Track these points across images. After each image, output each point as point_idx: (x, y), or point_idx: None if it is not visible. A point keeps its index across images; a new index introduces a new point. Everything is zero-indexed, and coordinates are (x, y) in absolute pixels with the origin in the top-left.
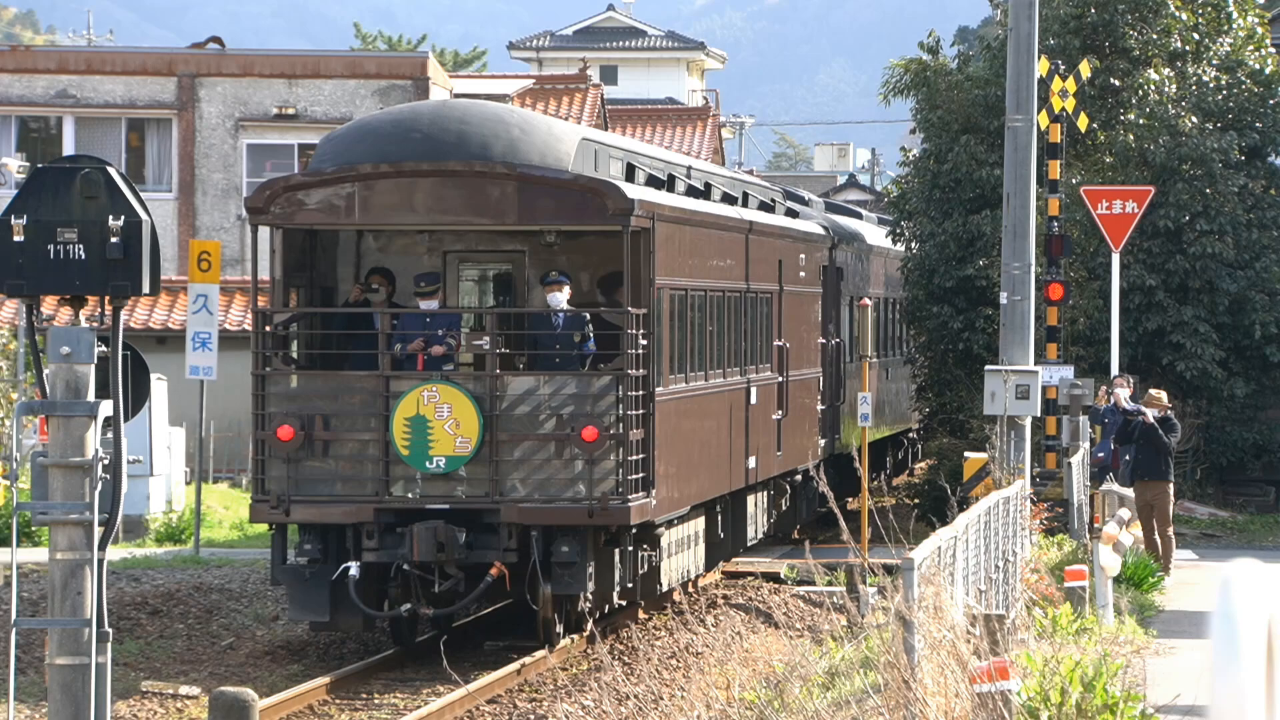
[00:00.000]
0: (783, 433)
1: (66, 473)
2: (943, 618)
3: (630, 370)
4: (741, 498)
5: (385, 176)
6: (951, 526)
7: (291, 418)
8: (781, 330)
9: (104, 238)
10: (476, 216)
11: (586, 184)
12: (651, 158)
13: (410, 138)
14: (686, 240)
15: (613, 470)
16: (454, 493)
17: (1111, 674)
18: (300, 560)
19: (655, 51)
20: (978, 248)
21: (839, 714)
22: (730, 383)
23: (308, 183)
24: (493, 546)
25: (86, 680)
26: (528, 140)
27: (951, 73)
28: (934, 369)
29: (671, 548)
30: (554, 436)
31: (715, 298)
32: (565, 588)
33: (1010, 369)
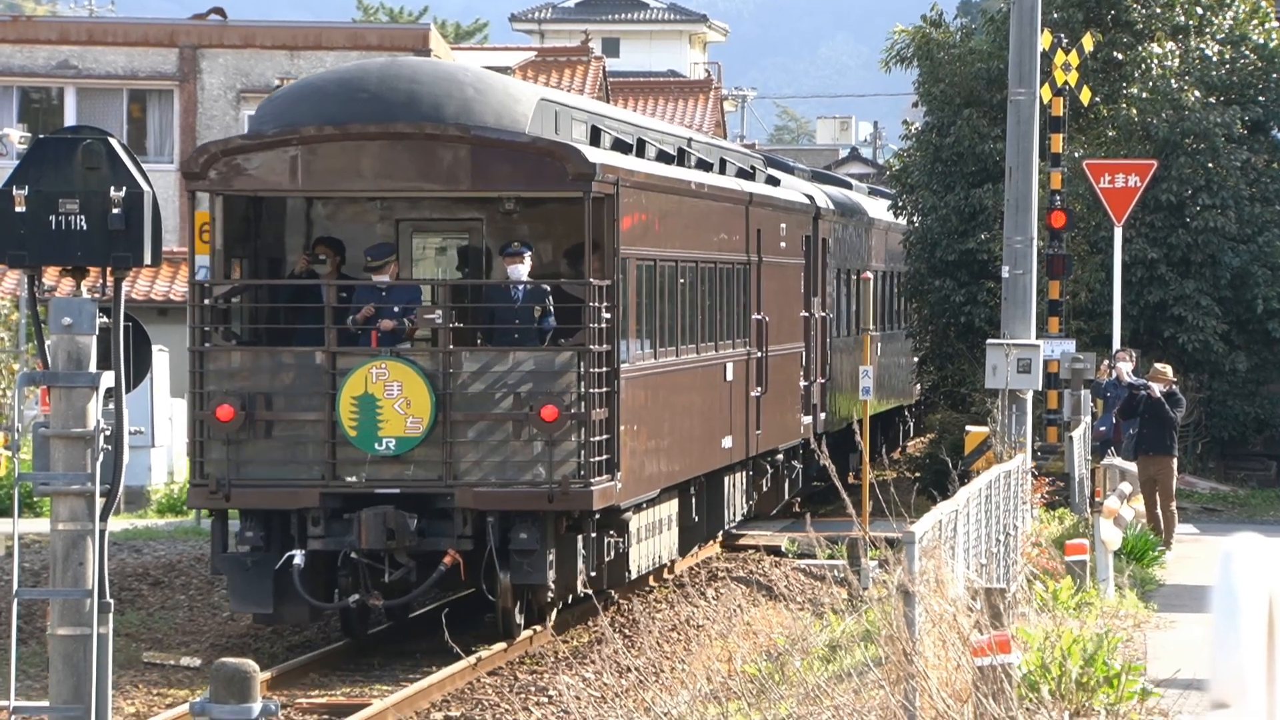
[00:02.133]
0: (762, 410)
1: (68, 444)
2: (944, 591)
3: (593, 346)
4: (718, 479)
5: (329, 139)
6: (953, 500)
7: (231, 397)
8: (760, 303)
9: (105, 209)
10: (427, 182)
11: (545, 147)
12: (620, 121)
13: (357, 98)
14: (655, 208)
15: (574, 452)
16: (405, 476)
17: (1112, 648)
18: (242, 548)
19: (657, 24)
20: (980, 221)
21: (840, 687)
22: (703, 358)
23: (247, 146)
24: (446, 533)
25: (88, 651)
26: (482, 100)
27: (954, 46)
28: (935, 342)
29: (641, 533)
30: (511, 416)
31: (687, 269)
32: (524, 577)
33: (1012, 343)
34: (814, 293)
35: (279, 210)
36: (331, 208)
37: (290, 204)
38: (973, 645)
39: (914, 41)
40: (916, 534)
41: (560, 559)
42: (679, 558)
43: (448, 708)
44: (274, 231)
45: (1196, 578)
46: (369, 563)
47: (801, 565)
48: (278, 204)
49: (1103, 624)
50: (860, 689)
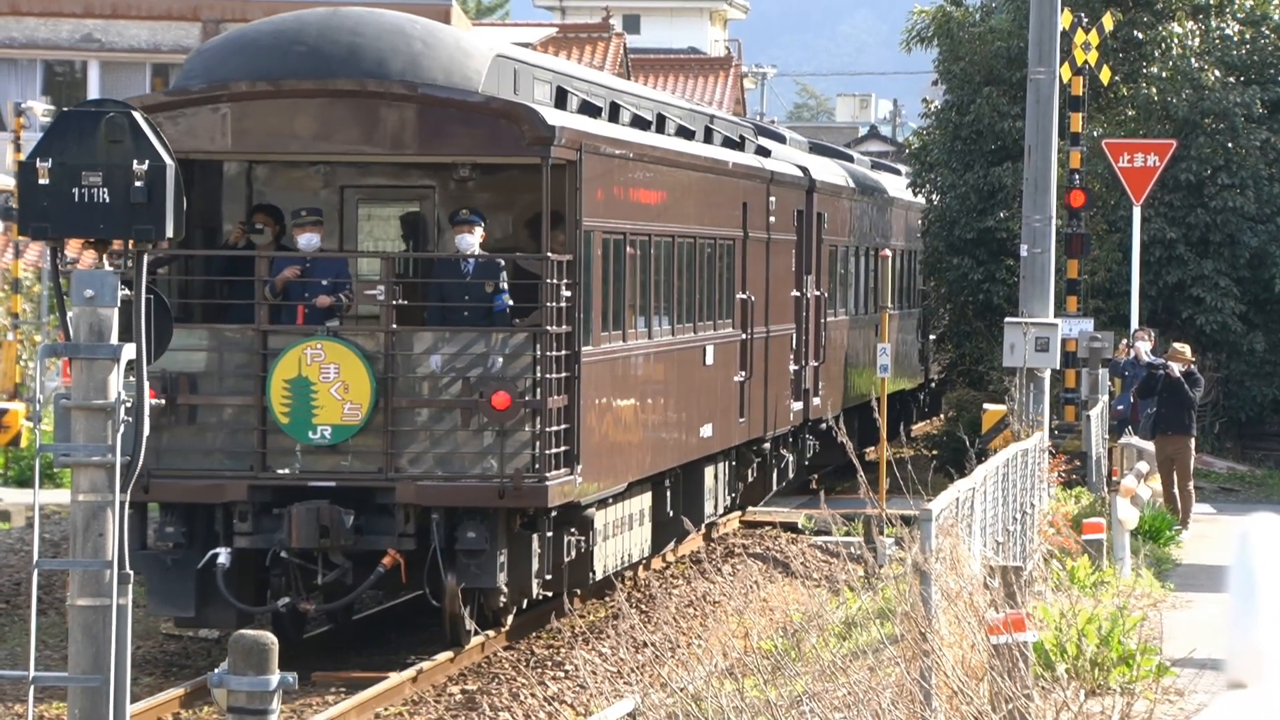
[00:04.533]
0: (747, 396)
1: (89, 415)
2: (960, 569)
3: (551, 327)
4: (697, 470)
5: (262, 96)
6: (970, 478)
7: (152, 379)
8: (746, 282)
9: (128, 181)
10: (370, 145)
11: (499, 108)
12: (589, 82)
13: (293, 51)
14: (625, 177)
15: (528, 443)
16: (341, 467)
17: (1128, 627)
18: (161, 545)
19: (678, 1)
20: (999, 200)
21: (855, 664)
22: (680, 341)
23: (170, 103)
24: (386, 531)
25: (107, 621)
26: (431, 55)
27: (974, 24)
28: (954, 320)
29: (607, 530)
30: (459, 403)
31: (662, 243)
32: (472, 579)
33: (1030, 321)
34: (807, 270)
35: (214, 175)
36: (268, 172)
37: (227, 169)
38: (988, 623)
39: (934, 20)
40: (933, 512)
41: (513, 560)
42: (651, 555)
43: (464, 681)
44: (210, 199)
45: (1213, 557)
46: (301, 563)
47: (818, 542)
48: (212, 168)
49: (1119, 603)
50: (876, 666)
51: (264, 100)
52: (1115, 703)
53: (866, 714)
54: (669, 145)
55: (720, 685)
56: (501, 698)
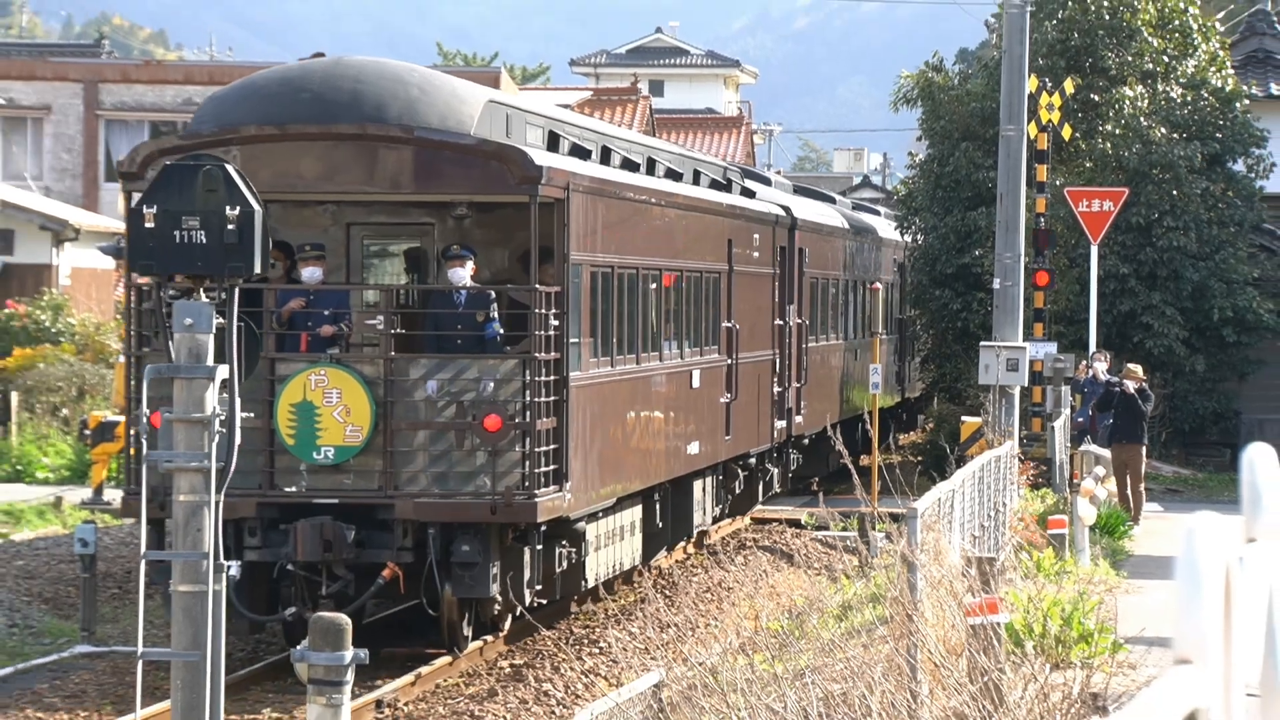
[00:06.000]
0: (732, 416)
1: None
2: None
3: (539, 353)
4: (685, 484)
5: (269, 140)
6: (950, 481)
7: (166, 403)
8: (731, 311)
9: (222, 225)
10: (370, 185)
11: (490, 149)
12: (581, 128)
13: (299, 98)
14: (612, 214)
15: (518, 462)
16: (343, 486)
17: (1087, 610)
18: None
19: (697, 68)
20: (974, 239)
21: (851, 642)
22: (667, 366)
23: (183, 146)
24: (386, 545)
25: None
26: (427, 101)
27: (953, 88)
28: (935, 344)
29: (599, 541)
30: (453, 425)
31: (650, 276)
32: (467, 590)
33: (1002, 345)
34: (789, 300)
35: None
36: (279, 211)
37: None
38: (966, 607)
39: (918, 84)
40: (918, 510)
41: (505, 571)
42: (641, 564)
43: (512, 656)
44: None
45: (1161, 549)
46: (306, 575)
47: (818, 536)
48: None
49: (1079, 589)
50: (869, 644)
51: (271, 143)
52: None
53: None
54: (655, 185)
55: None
56: (544, 671)
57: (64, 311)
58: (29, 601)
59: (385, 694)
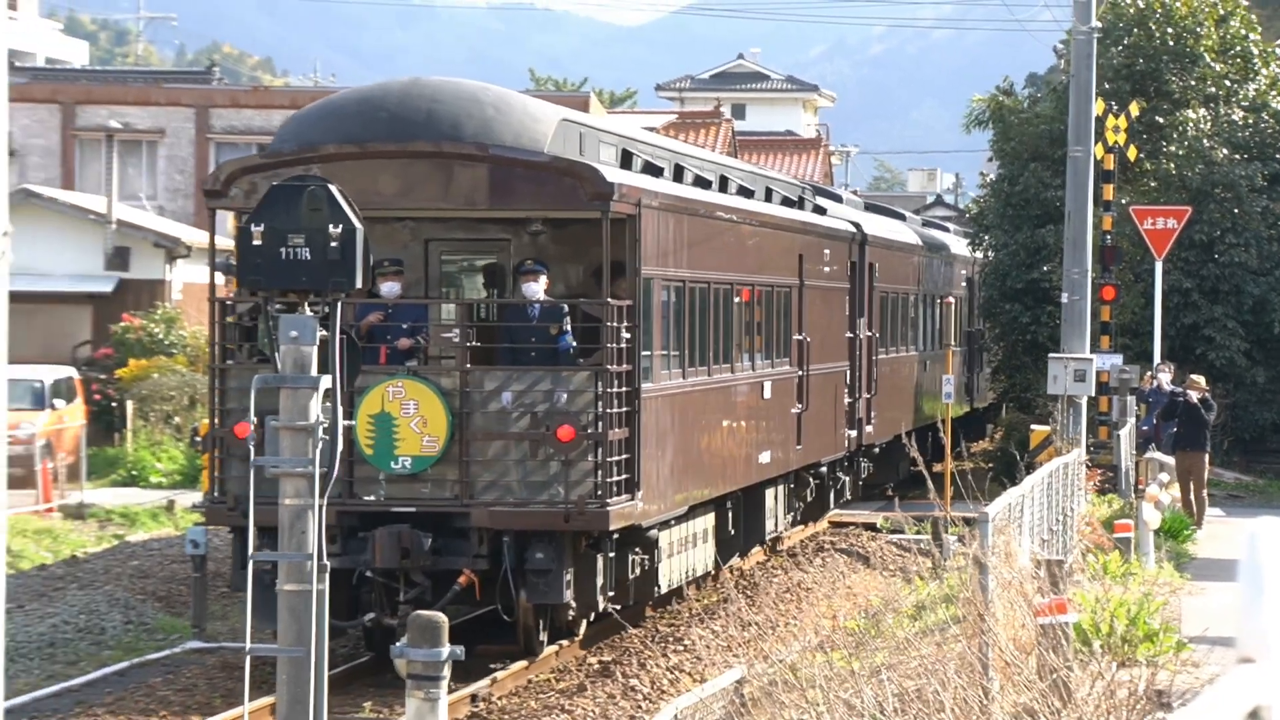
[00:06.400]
0: (803, 426)
1: (293, 434)
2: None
3: (611, 365)
4: (757, 492)
5: (348, 158)
6: (1020, 486)
7: (250, 414)
8: (803, 324)
9: (325, 243)
10: (446, 201)
11: (563, 166)
12: (654, 146)
13: (377, 117)
14: (684, 230)
15: (591, 472)
16: (421, 494)
17: (1152, 610)
18: (261, 565)
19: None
20: (1043, 255)
21: (925, 640)
22: (739, 377)
23: (265, 164)
24: (462, 552)
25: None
26: (502, 120)
27: (1023, 111)
28: (1006, 356)
29: (671, 548)
30: (527, 436)
31: (721, 290)
32: (541, 596)
33: (1070, 356)
34: (860, 314)
35: None
36: None
37: None
38: (1035, 607)
39: (989, 107)
40: (990, 514)
41: (579, 577)
42: (714, 570)
43: (600, 654)
44: None
45: (1223, 553)
46: (385, 581)
47: (893, 539)
48: None
49: (1144, 590)
50: (942, 642)
51: (350, 161)
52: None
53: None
54: (726, 202)
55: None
56: (631, 667)
57: (176, 325)
58: (143, 600)
59: (480, 688)
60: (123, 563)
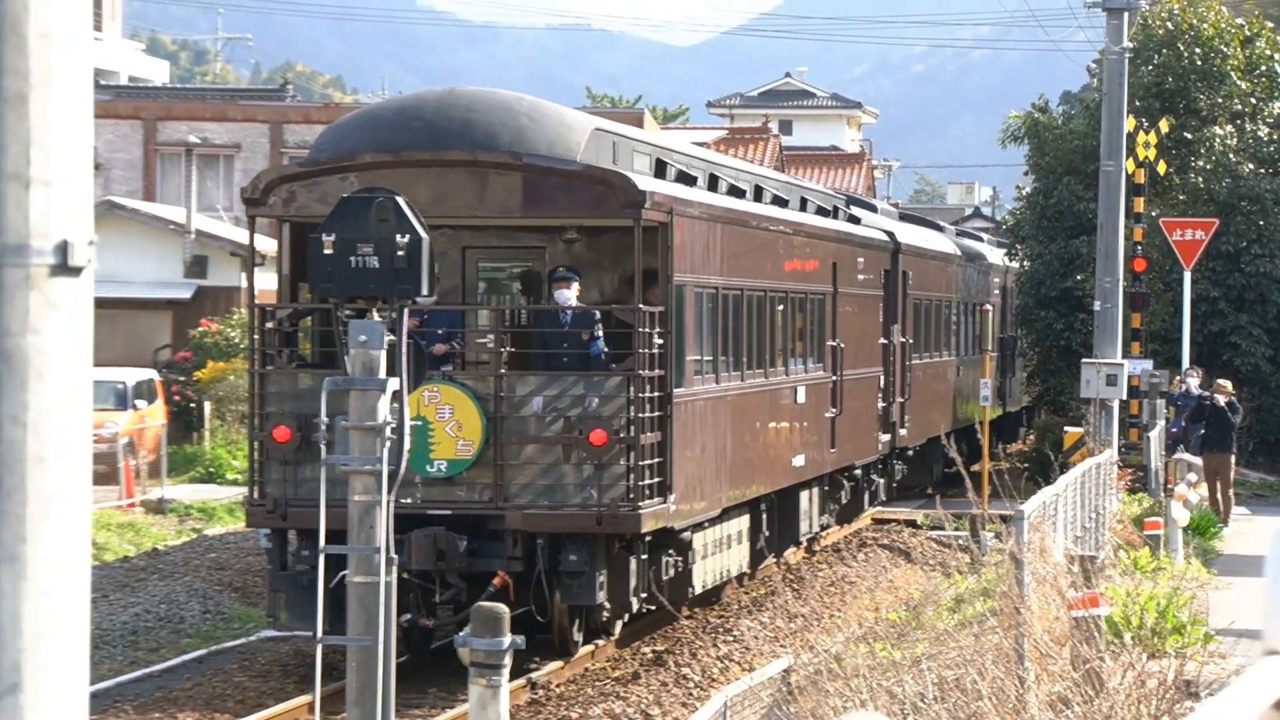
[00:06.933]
0: (837, 430)
1: (362, 434)
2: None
3: (643, 371)
4: (792, 495)
5: (384, 166)
6: (1054, 485)
7: (288, 418)
8: (836, 330)
9: (393, 251)
10: (480, 209)
11: (595, 174)
12: (689, 155)
13: (412, 126)
14: (716, 237)
15: (623, 475)
16: (456, 497)
17: (1181, 604)
18: (299, 567)
19: (822, 109)
20: (1076, 265)
21: (963, 632)
22: (772, 383)
23: (303, 173)
24: (496, 554)
25: (376, 594)
26: (536, 129)
27: (1057, 127)
28: (1041, 361)
29: (705, 550)
30: (560, 440)
31: (754, 297)
32: (574, 598)
33: (1102, 361)
34: (893, 321)
35: None
36: None
37: None
38: (1069, 600)
39: (1025, 124)
40: (1026, 512)
41: (612, 579)
42: (750, 570)
43: (654, 643)
44: None
45: (1249, 549)
46: (421, 583)
47: (933, 536)
48: None
49: (1173, 585)
50: (979, 634)
51: (386, 169)
52: (1171, 664)
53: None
54: (759, 210)
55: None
56: (683, 656)
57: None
58: (220, 590)
59: (539, 676)
60: (201, 555)
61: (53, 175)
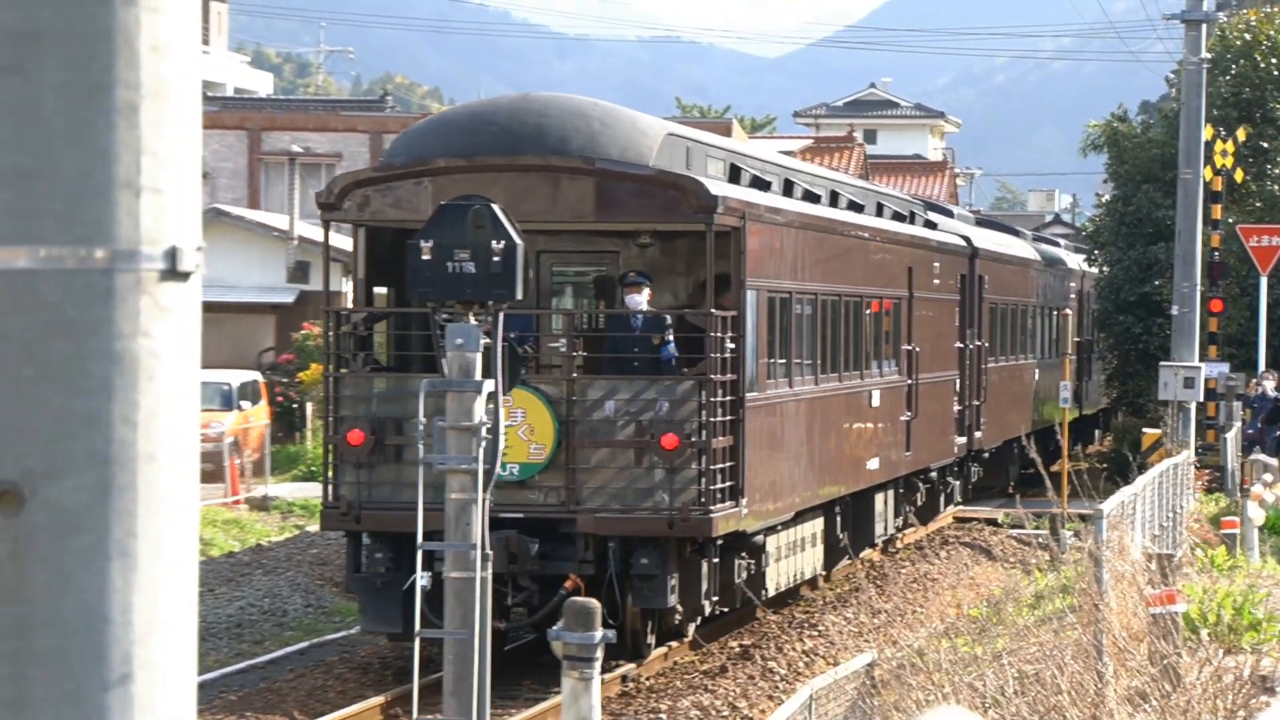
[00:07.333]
0: (912, 433)
1: (459, 434)
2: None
3: (715, 375)
4: (866, 497)
5: (458, 171)
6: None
7: (362, 421)
8: (912, 334)
9: (488, 257)
10: (553, 214)
11: (667, 179)
12: (763, 161)
13: (486, 131)
14: (789, 242)
15: (694, 479)
16: (528, 501)
17: (1257, 601)
18: (372, 569)
19: (906, 119)
20: (1155, 271)
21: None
22: (846, 386)
23: (378, 178)
24: (568, 557)
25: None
26: (608, 133)
27: (1136, 136)
28: (1120, 364)
29: (779, 552)
30: (632, 443)
31: (828, 301)
32: (646, 601)
33: (1179, 364)
34: (969, 325)
35: None
36: None
37: None
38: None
39: (1105, 133)
40: (1105, 511)
41: (684, 582)
42: (825, 571)
43: (740, 637)
44: None
45: None
46: (493, 585)
47: (1013, 534)
48: None
49: (1249, 582)
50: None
51: (460, 174)
52: (1246, 660)
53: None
54: (833, 215)
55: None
56: (769, 651)
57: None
58: (322, 585)
59: (630, 670)
60: (303, 551)
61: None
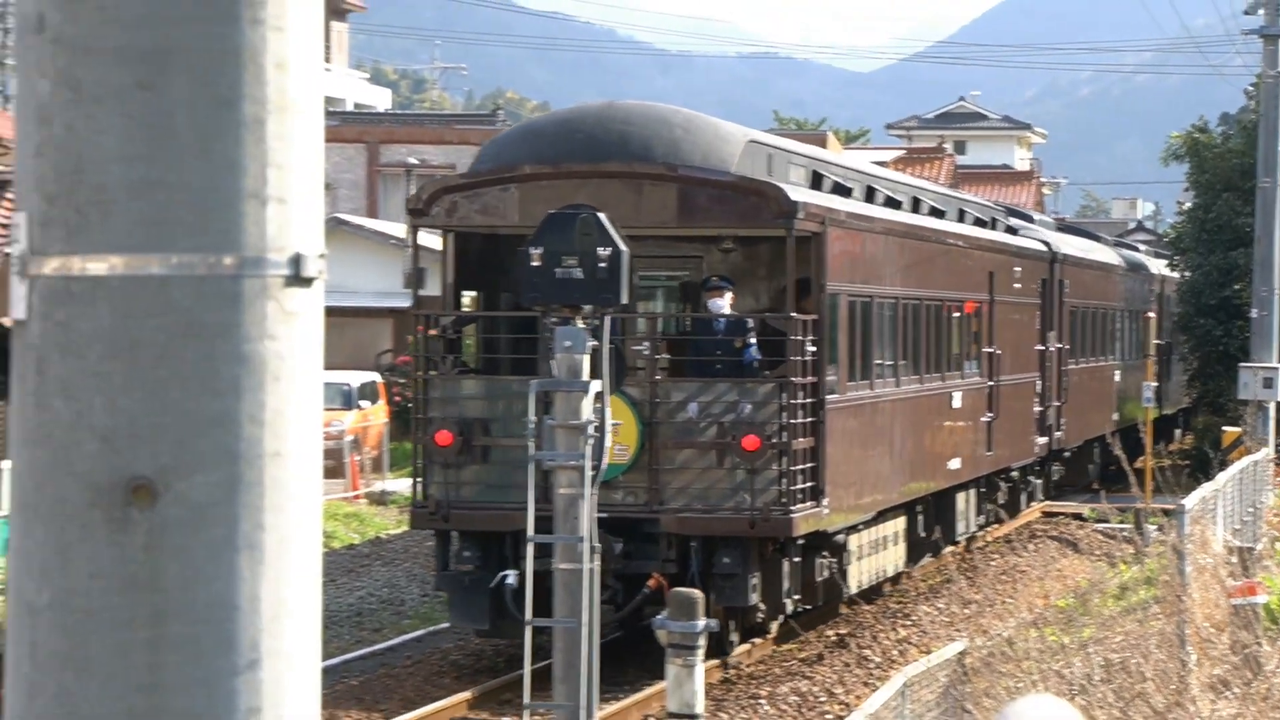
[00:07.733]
0: (993, 433)
1: (567, 432)
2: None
3: (796, 378)
4: (948, 496)
5: (543, 178)
6: (1214, 482)
7: (451, 423)
8: (993, 337)
9: (595, 263)
10: (637, 220)
11: (748, 185)
12: (845, 168)
13: (572, 138)
14: (870, 247)
15: (775, 480)
16: (612, 501)
17: None
18: (461, 568)
19: (994, 130)
20: (1234, 276)
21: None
22: (927, 389)
23: (465, 184)
24: (651, 556)
25: (580, 580)
26: (690, 141)
27: (1216, 145)
28: (1201, 365)
29: (860, 551)
30: (714, 445)
31: (909, 305)
32: (727, 599)
33: (1259, 365)
34: (1050, 328)
35: (514, 246)
36: None
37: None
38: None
39: (1186, 143)
40: (1187, 506)
41: (765, 581)
42: (908, 569)
43: (837, 626)
44: (506, 267)
45: None
46: None
47: (1099, 528)
48: (515, 240)
49: None
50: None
51: (546, 181)
52: None
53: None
54: (913, 221)
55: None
56: (864, 639)
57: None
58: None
59: (730, 658)
60: (419, 543)
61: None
